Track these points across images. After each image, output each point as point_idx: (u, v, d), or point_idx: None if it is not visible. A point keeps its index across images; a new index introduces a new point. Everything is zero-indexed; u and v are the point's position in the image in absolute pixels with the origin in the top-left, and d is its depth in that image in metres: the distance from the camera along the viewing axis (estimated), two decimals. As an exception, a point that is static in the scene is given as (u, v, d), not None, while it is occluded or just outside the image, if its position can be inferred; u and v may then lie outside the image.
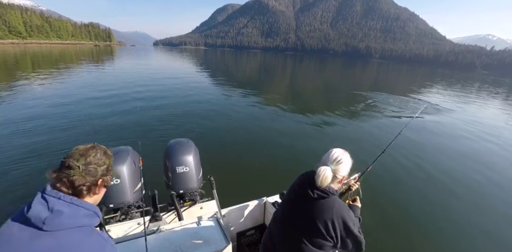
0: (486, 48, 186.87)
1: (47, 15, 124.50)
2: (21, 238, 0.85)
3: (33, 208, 0.87)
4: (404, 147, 7.34)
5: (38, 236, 0.86)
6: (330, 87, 22.54)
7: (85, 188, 0.99)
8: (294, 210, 1.43)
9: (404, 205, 4.56)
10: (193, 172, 2.82)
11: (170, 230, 2.01)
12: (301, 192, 1.38)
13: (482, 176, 5.95)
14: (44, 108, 9.06)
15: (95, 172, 1.02)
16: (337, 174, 1.35)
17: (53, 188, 0.94)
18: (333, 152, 1.40)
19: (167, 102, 11.15)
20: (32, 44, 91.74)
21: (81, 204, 0.96)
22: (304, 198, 1.38)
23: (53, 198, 0.91)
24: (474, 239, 3.85)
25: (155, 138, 6.72)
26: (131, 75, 20.22)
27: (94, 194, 1.05)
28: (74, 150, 1.03)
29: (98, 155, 1.06)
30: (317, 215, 1.32)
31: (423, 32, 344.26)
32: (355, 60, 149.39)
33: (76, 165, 0.97)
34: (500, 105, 17.63)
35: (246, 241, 2.66)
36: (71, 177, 0.96)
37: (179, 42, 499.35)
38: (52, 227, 0.87)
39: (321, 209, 1.32)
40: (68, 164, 0.97)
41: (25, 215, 0.87)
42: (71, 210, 0.92)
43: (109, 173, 1.09)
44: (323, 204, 1.33)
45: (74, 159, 0.99)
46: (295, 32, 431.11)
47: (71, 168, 0.97)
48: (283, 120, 9.45)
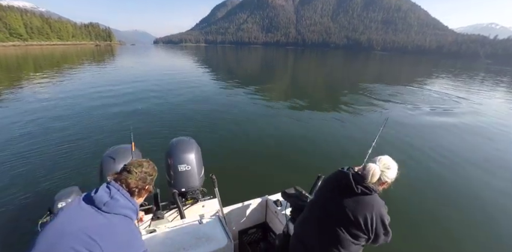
0: (489, 37, 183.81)
1: (46, 17, 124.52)
2: (87, 211, 1.13)
3: (99, 192, 1.17)
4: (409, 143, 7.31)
5: (98, 213, 1.13)
6: (332, 82, 22.37)
7: (137, 190, 1.28)
8: (334, 203, 1.48)
9: (407, 202, 4.55)
10: (195, 170, 2.83)
11: (172, 228, 2.01)
12: (344, 186, 1.44)
13: (484, 170, 5.91)
14: (45, 109, 9.14)
15: (145, 179, 1.32)
16: (383, 177, 1.44)
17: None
18: (383, 158, 1.49)
19: (169, 101, 11.16)
20: (33, 46, 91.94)
21: (131, 200, 1.24)
22: (345, 192, 1.44)
23: (115, 189, 1.20)
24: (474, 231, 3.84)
25: (157, 136, 6.75)
26: (132, 74, 20.25)
27: (139, 197, 1.34)
28: (133, 161, 1.37)
29: (150, 167, 1.38)
30: (358, 209, 1.40)
31: (425, 23, 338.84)
32: (357, 53, 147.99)
33: (134, 171, 1.28)
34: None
35: (248, 239, 2.66)
36: (129, 179, 1.26)
37: (179, 40, 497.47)
38: (109, 209, 1.14)
39: (362, 204, 1.40)
40: (129, 169, 1.29)
41: (91, 196, 1.16)
42: (124, 201, 1.20)
43: (152, 183, 1.40)
44: (365, 200, 1.41)
45: (133, 167, 1.30)
46: (296, 26, 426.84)
47: (130, 172, 1.28)
48: (286, 118, 9.40)
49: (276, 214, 2.53)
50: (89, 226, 1.08)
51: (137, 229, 1.26)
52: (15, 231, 3.35)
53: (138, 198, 1.33)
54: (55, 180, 4.62)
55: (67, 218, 1.11)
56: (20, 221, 3.52)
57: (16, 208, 3.84)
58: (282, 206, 2.48)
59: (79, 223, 1.08)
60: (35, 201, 3.97)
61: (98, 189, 1.19)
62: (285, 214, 2.33)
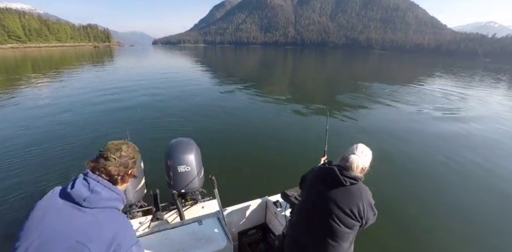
0: (488, 35, 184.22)
1: (45, 19, 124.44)
2: (66, 210, 1.00)
3: (76, 187, 1.03)
4: (409, 140, 7.32)
5: (79, 211, 1.01)
6: (332, 82, 22.36)
7: (119, 178, 1.16)
8: (324, 198, 1.52)
9: (402, 200, 4.56)
10: (194, 171, 2.82)
11: (171, 229, 2.01)
12: (331, 180, 1.51)
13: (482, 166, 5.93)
14: (43, 110, 9.14)
15: (127, 164, 1.19)
16: (363, 165, 1.53)
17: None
18: (359, 146, 1.58)
19: (168, 102, 11.16)
20: (31, 48, 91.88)
21: (114, 189, 1.12)
22: (334, 186, 1.51)
23: (94, 181, 1.06)
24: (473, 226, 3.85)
25: (157, 137, 6.74)
26: (131, 75, 20.24)
27: (123, 183, 1.21)
28: (110, 145, 1.19)
29: (130, 149, 1.23)
30: (350, 200, 1.47)
31: (423, 21, 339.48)
32: (356, 52, 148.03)
33: (112, 157, 1.14)
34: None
35: (247, 240, 2.66)
36: (108, 167, 1.12)
37: (178, 41, 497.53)
38: (90, 204, 1.02)
39: (352, 194, 1.48)
40: (106, 155, 1.14)
41: (68, 192, 1.02)
42: (106, 193, 1.07)
43: (135, 166, 1.25)
44: (353, 190, 1.49)
45: (110, 152, 1.15)
46: (295, 26, 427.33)
47: (108, 159, 1.13)
48: (286, 119, 9.37)
49: (275, 215, 2.52)
50: (73, 228, 0.97)
51: (125, 219, 1.14)
52: (15, 231, 3.34)
53: (122, 184, 1.21)
54: (53, 180, 4.63)
55: (46, 220, 0.98)
56: (19, 221, 3.50)
57: (16, 209, 3.84)
58: (282, 207, 2.48)
59: (61, 226, 0.96)
60: (34, 201, 3.96)
61: (75, 183, 1.04)
62: (285, 215, 2.33)
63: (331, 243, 1.49)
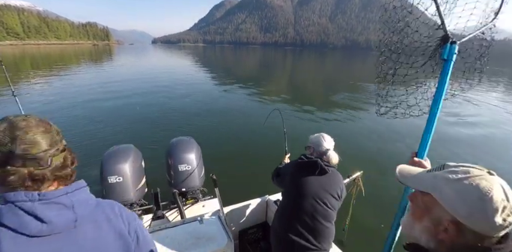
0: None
1: (44, 16, 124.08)
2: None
3: (37, 224, 0.65)
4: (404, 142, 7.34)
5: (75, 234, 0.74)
6: (332, 82, 22.41)
7: (69, 169, 0.83)
8: (310, 186, 1.71)
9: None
10: (195, 170, 2.82)
11: (172, 228, 2.01)
12: (319, 170, 1.70)
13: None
14: (43, 109, 9.08)
15: (56, 144, 0.79)
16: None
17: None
18: (326, 137, 1.88)
19: (168, 101, 11.13)
20: (30, 45, 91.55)
21: (69, 185, 0.82)
22: (320, 174, 1.72)
23: (48, 203, 0.70)
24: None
25: (157, 136, 6.70)
26: (131, 74, 20.23)
27: (73, 165, 0.86)
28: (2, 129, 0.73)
29: (41, 125, 0.79)
30: (333, 184, 1.73)
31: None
32: (355, 53, 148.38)
33: (37, 154, 0.73)
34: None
35: (248, 239, 2.66)
36: (44, 171, 0.73)
37: (177, 40, 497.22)
38: (82, 220, 0.76)
39: (334, 179, 1.75)
40: (23, 155, 0.71)
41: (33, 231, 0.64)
42: (76, 199, 0.80)
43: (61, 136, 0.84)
44: (333, 175, 1.76)
45: (27, 146, 0.72)
46: (294, 27, 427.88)
47: (33, 160, 0.72)
48: (286, 118, 9.36)
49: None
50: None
51: (91, 195, 0.87)
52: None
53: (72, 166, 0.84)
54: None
55: None
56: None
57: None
58: None
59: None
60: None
61: (28, 221, 0.63)
62: None
63: (327, 223, 1.67)
